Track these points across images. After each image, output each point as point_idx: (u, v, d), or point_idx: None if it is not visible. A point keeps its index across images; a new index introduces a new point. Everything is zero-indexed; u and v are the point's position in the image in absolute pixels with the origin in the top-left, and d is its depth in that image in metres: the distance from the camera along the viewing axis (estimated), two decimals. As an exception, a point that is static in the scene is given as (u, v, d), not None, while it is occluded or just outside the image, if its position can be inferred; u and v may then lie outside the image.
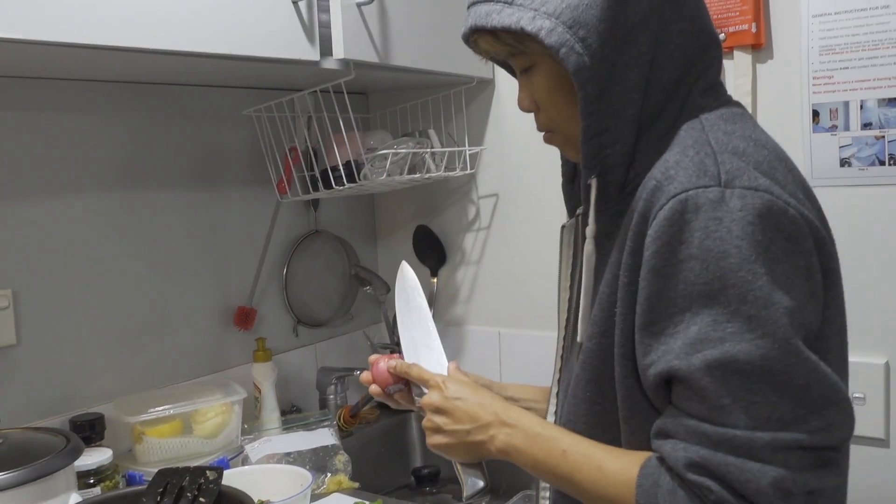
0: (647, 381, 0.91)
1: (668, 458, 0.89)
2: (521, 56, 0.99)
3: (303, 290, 1.97)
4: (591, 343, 0.98)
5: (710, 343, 0.85)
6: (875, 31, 1.52)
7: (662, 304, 0.88)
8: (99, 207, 1.56)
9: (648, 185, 0.92)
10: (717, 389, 0.84)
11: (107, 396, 1.56)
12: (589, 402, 0.99)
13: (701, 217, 0.86)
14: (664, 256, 0.87)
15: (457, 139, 1.98)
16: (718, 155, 0.89)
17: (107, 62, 1.35)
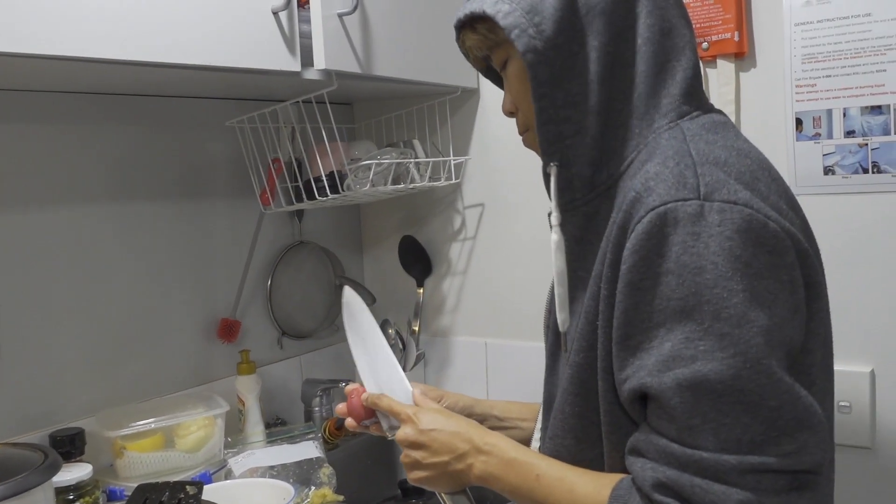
0: (623, 396, 0.91)
1: (637, 477, 0.88)
2: (498, 48, 1.00)
3: (287, 301, 1.96)
4: (578, 357, 0.97)
5: (682, 361, 0.84)
6: (857, 40, 1.52)
7: (638, 318, 0.87)
8: (81, 218, 1.55)
9: (629, 197, 0.91)
10: (686, 409, 0.84)
11: (88, 410, 1.54)
12: (577, 416, 0.98)
13: (679, 231, 0.85)
14: (641, 270, 0.87)
15: (441, 149, 1.98)
16: (699, 167, 0.89)
17: (89, 74, 1.34)
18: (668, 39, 0.97)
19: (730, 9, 1.61)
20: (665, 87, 0.97)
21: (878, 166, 1.53)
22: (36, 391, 1.48)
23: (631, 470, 0.90)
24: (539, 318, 1.90)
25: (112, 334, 1.60)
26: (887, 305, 1.53)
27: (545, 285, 1.89)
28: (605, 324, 0.93)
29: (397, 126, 2.02)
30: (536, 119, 0.95)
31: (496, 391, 2.00)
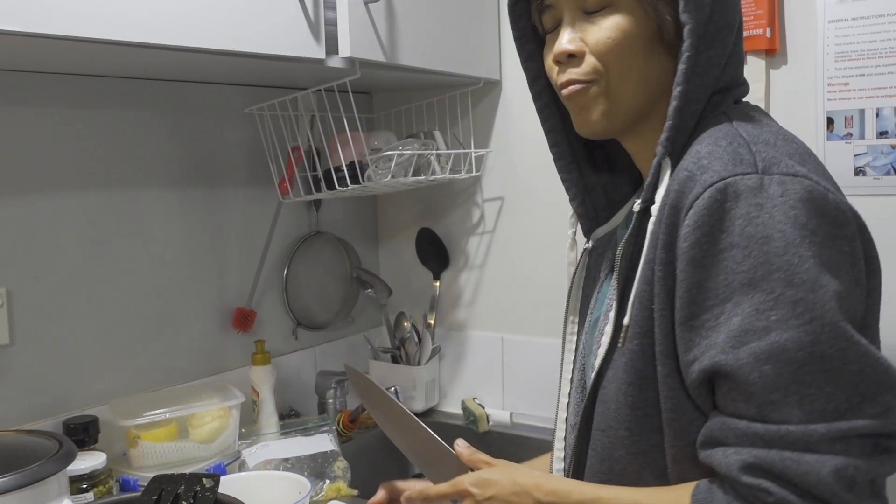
0: (690, 379, 0.88)
1: (720, 466, 0.85)
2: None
3: (303, 291, 1.94)
4: (632, 344, 0.94)
5: (756, 333, 0.82)
6: (893, 39, 1.49)
7: (703, 295, 0.85)
8: (96, 206, 1.53)
9: (679, 177, 0.90)
10: (767, 384, 0.81)
11: (102, 399, 1.52)
12: (631, 406, 0.95)
13: (741, 204, 0.84)
14: (703, 246, 0.85)
15: (462, 141, 1.95)
16: (752, 145, 0.88)
17: (106, 56, 1.32)
18: (741, 61, 1.02)
19: (762, 4, 1.58)
20: (725, 96, 0.99)
21: (911, 168, 1.50)
22: (50, 378, 1.47)
23: (711, 461, 0.87)
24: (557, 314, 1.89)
25: (127, 322, 1.58)
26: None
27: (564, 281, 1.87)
28: (661, 307, 0.90)
29: (417, 117, 1.99)
30: (676, 101, 0.92)
31: (511, 387, 1.98)
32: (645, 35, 0.95)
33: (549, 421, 1.85)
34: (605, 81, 0.97)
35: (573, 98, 1.00)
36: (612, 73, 0.97)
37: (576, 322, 1.19)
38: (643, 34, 0.95)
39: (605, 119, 0.99)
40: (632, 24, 0.95)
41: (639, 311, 0.94)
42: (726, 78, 0.99)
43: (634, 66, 0.96)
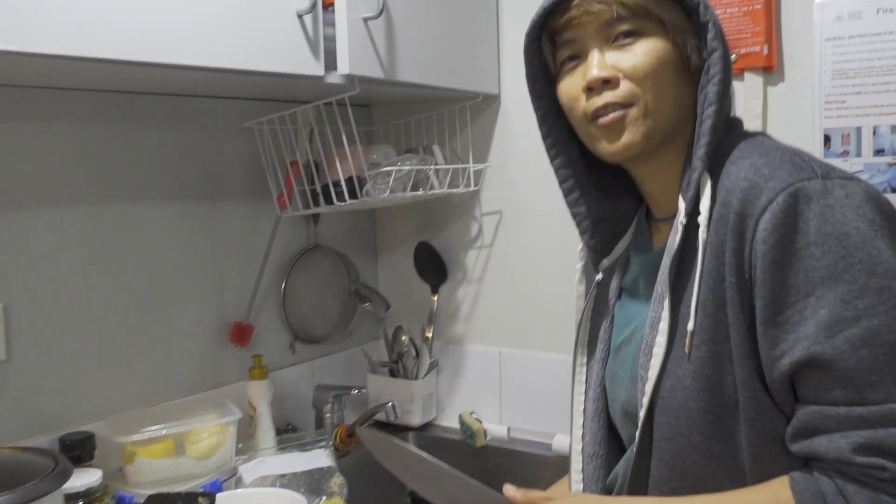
0: (779, 373, 0.92)
1: (829, 452, 0.88)
2: (642, 19, 1.00)
3: (301, 305, 1.94)
4: (699, 352, 0.97)
5: (847, 322, 0.87)
6: (889, 57, 1.49)
7: (785, 293, 0.90)
8: (94, 220, 1.53)
9: (738, 187, 0.94)
10: (865, 367, 0.86)
11: (98, 414, 1.52)
12: (703, 412, 0.97)
13: (813, 206, 0.90)
14: (783, 247, 0.90)
15: (461, 155, 1.95)
16: (801, 155, 0.96)
17: (106, 73, 1.32)
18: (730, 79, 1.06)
19: (759, 22, 1.58)
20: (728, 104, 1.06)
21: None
22: (46, 393, 1.46)
23: (814, 450, 0.90)
24: (554, 329, 1.89)
25: (124, 337, 1.58)
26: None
27: (562, 295, 1.87)
28: (736, 310, 0.94)
29: (416, 130, 2.00)
30: (713, 119, 0.98)
31: (510, 401, 1.98)
32: (675, 62, 1.01)
33: (546, 436, 1.86)
34: (644, 104, 1.01)
35: (610, 122, 1.02)
36: (649, 95, 1.00)
37: (585, 353, 1.20)
38: (674, 61, 1.01)
39: (644, 140, 1.02)
40: (664, 50, 1.01)
41: (703, 319, 0.97)
42: (728, 106, 1.04)
43: (668, 89, 1.01)
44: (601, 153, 1.06)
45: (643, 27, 1.00)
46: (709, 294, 0.96)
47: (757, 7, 1.58)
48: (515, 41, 1.90)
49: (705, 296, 0.97)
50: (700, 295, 0.97)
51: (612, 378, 1.15)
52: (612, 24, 1.01)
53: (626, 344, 1.12)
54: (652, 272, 1.08)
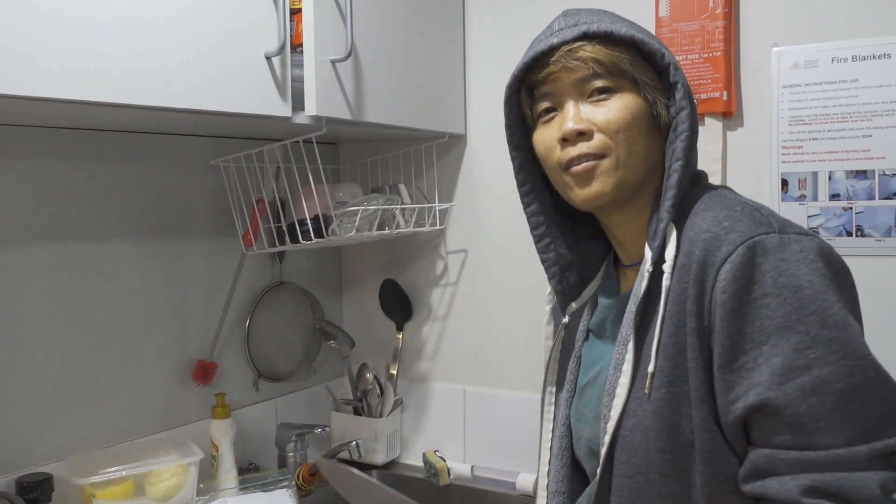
0: (733, 416, 0.96)
1: (779, 493, 0.92)
2: (616, 77, 1.06)
3: (265, 343, 1.93)
4: (659, 393, 1.00)
5: (799, 370, 0.91)
6: (844, 105, 1.54)
7: (742, 340, 0.94)
8: (56, 257, 1.51)
9: (701, 238, 0.99)
10: (814, 414, 0.91)
11: (57, 455, 1.49)
12: (661, 451, 1.00)
13: (770, 259, 0.94)
14: (740, 297, 0.94)
15: (427, 194, 1.97)
16: (761, 210, 1.01)
17: (70, 111, 1.31)
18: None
19: (719, 68, 1.62)
20: (695, 158, 1.12)
21: (862, 230, 1.54)
22: (2, 434, 1.43)
23: (765, 491, 0.94)
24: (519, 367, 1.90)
25: (84, 375, 1.56)
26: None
27: (526, 334, 1.89)
28: (695, 355, 0.98)
29: (383, 169, 2.01)
30: (679, 173, 1.03)
31: (473, 439, 1.98)
32: (647, 118, 1.07)
33: (510, 474, 1.86)
34: (616, 156, 1.05)
35: (582, 171, 1.06)
36: (621, 148, 1.05)
37: (553, 393, 1.24)
38: (646, 117, 1.07)
39: (615, 190, 1.06)
40: (637, 105, 1.06)
41: (664, 362, 1.00)
42: (694, 161, 1.10)
43: (639, 143, 1.06)
44: (573, 200, 1.10)
45: (617, 84, 1.06)
46: (670, 339, 1.00)
47: (717, 54, 1.62)
48: (482, 81, 1.92)
49: (666, 340, 1.00)
50: (661, 339, 1.01)
51: (577, 417, 1.18)
52: (588, 80, 1.06)
53: (592, 384, 1.15)
54: (618, 315, 1.12)
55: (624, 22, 1.09)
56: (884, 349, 1.51)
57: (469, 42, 1.93)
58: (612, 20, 1.08)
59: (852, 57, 1.53)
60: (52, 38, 1.08)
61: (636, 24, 1.10)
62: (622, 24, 1.08)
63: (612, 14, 1.11)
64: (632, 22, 1.11)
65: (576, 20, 1.08)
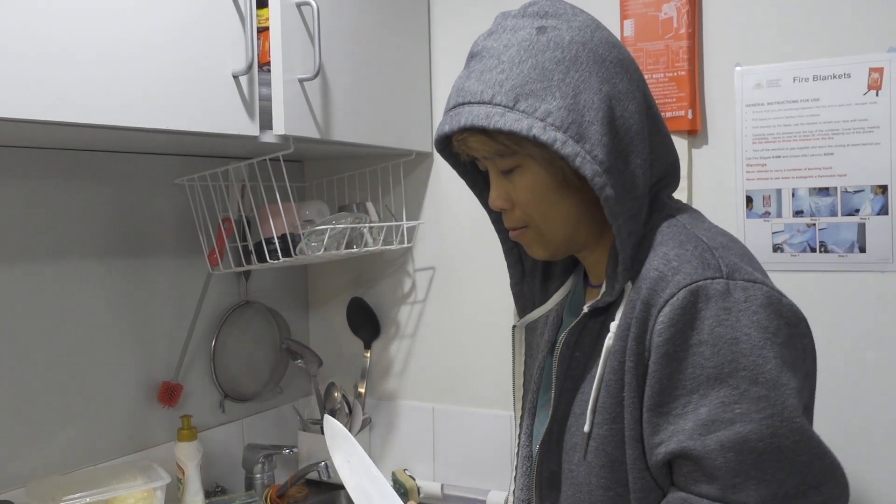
0: (655, 460, 0.95)
1: None
2: (509, 157, 1.02)
3: (231, 363, 1.90)
4: (601, 430, 1.00)
5: (722, 424, 0.90)
6: (806, 123, 1.57)
7: (672, 385, 0.93)
8: (15, 276, 1.48)
9: (649, 276, 0.97)
10: (731, 469, 0.89)
11: (18, 481, 1.46)
12: (603, 488, 1.01)
13: (711, 306, 0.92)
14: (677, 342, 0.93)
15: (394, 212, 1.96)
16: (714, 250, 0.98)
17: (34, 131, 1.28)
18: (670, 152, 1.09)
19: (684, 87, 1.64)
20: (662, 189, 1.09)
21: (826, 246, 1.57)
22: (-37, 461, 1.40)
23: None
24: (487, 384, 1.90)
25: (46, 399, 1.53)
26: (831, 384, 1.56)
27: (494, 351, 1.89)
28: (632, 394, 0.97)
29: (350, 186, 2.00)
30: (618, 235, 0.99)
31: (443, 457, 1.97)
32: (554, 184, 1.02)
33: (480, 492, 1.86)
34: (536, 227, 1.06)
35: (516, 238, 1.09)
36: (538, 220, 1.05)
37: (521, 400, 1.23)
38: (552, 184, 1.02)
39: (546, 252, 1.08)
40: (539, 179, 1.02)
41: (606, 399, 1.00)
42: (658, 169, 1.07)
43: (554, 211, 1.04)
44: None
45: (517, 162, 1.02)
46: (612, 375, 1.00)
47: (681, 73, 1.64)
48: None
49: (609, 377, 1.00)
50: (607, 376, 1.01)
51: (536, 436, 1.17)
52: (491, 159, 1.04)
53: (546, 406, 1.15)
54: None
55: (510, 83, 0.97)
56: (847, 361, 1.55)
57: (435, 61, 1.93)
58: (493, 88, 0.98)
59: (813, 76, 1.56)
60: (15, 60, 1.06)
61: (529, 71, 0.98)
62: (505, 90, 0.97)
63: (503, 65, 0.99)
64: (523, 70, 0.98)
65: (462, 95, 1.01)
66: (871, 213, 1.53)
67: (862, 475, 1.56)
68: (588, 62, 0.99)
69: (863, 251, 1.54)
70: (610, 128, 0.97)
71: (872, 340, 1.54)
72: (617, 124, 0.98)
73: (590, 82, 0.98)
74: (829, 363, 1.55)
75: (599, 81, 0.98)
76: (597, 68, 0.99)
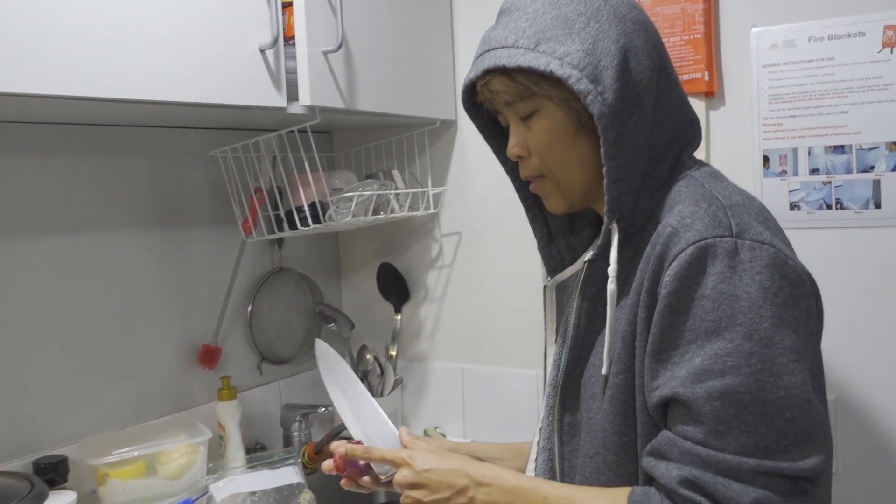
0: (651, 402, 1.01)
1: (662, 476, 0.98)
2: (529, 99, 1.07)
3: (267, 327, 1.98)
4: (617, 378, 1.06)
5: (713, 374, 0.95)
6: (821, 82, 1.59)
7: (672, 335, 0.99)
8: (63, 249, 1.57)
9: (664, 232, 1.02)
10: (715, 416, 0.95)
11: (70, 438, 1.56)
12: (618, 434, 1.06)
13: (717, 263, 0.97)
14: (680, 294, 0.98)
15: (420, 179, 2.02)
16: (728, 209, 1.02)
17: (76, 108, 1.36)
18: (685, 114, 1.12)
19: (700, 50, 1.67)
20: (683, 149, 1.12)
21: (842, 203, 1.60)
22: (20, 419, 1.50)
23: (654, 471, 0.99)
24: (515, 344, 1.96)
25: (94, 362, 1.62)
26: (849, 337, 1.60)
27: (520, 312, 1.94)
28: (642, 343, 1.02)
29: (376, 155, 2.06)
30: (606, 177, 1.04)
31: (472, 415, 2.04)
32: (570, 128, 1.08)
33: (508, 448, 1.92)
34: (553, 176, 1.11)
35: (535, 189, 1.15)
36: (553, 167, 1.10)
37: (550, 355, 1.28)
38: (568, 128, 1.08)
39: (563, 202, 1.13)
40: (557, 121, 1.08)
41: (622, 349, 1.05)
42: (669, 127, 1.10)
43: (570, 156, 1.09)
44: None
45: (535, 104, 1.08)
46: (628, 327, 1.05)
47: (697, 36, 1.67)
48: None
49: (625, 328, 1.05)
50: (623, 326, 1.05)
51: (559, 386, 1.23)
52: (511, 105, 1.10)
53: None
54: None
55: (532, 29, 1.05)
56: (863, 314, 1.58)
57: (457, 29, 1.98)
58: (517, 34, 1.05)
59: (828, 36, 1.58)
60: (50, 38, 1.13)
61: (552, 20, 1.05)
62: (528, 35, 1.05)
63: (528, 15, 1.07)
64: (546, 19, 1.05)
65: (488, 43, 1.09)
66: (885, 170, 1.56)
67: (878, 426, 1.60)
68: (608, 16, 1.05)
69: (878, 207, 1.57)
70: (622, 76, 1.03)
71: (888, 294, 1.57)
72: (630, 75, 1.04)
73: (608, 33, 1.04)
74: (846, 316, 1.59)
75: (618, 34, 1.04)
76: (616, 22, 1.05)
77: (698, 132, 1.16)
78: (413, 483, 1.14)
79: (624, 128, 1.03)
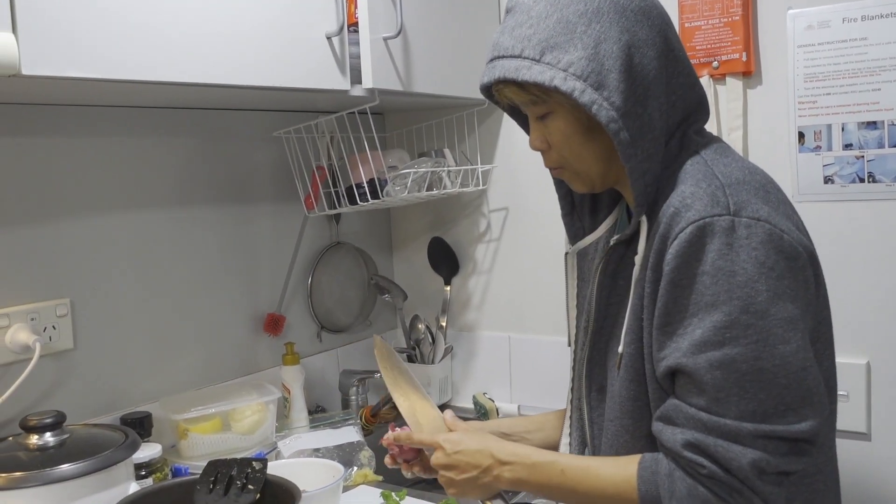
0: (658, 372, 1.09)
1: (668, 441, 1.06)
2: (541, 105, 1.13)
3: (326, 298, 2.11)
4: (630, 349, 1.14)
5: (713, 345, 1.02)
6: (854, 61, 1.66)
7: (676, 309, 1.06)
8: (144, 223, 1.70)
9: (667, 212, 1.08)
10: (715, 384, 1.02)
11: (152, 396, 1.69)
12: (632, 399, 1.15)
13: (715, 241, 1.03)
14: (682, 271, 1.05)
15: (469, 157, 2.12)
16: (727, 188, 1.07)
17: (152, 92, 1.48)
18: (694, 93, 1.17)
19: (738, 31, 1.75)
20: (690, 126, 1.18)
21: (874, 176, 1.67)
22: (108, 379, 1.63)
23: (661, 435, 1.08)
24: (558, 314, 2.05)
25: (172, 328, 1.75)
26: (881, 303, 1.67)
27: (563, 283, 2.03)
28: (649, 317, 1.10)
29: (427, 135, 2.16)
30: (630, 176, 1.09)
31: (518, 381, 2.15)
32: (581, 128, 1.13)
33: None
34: (572, 167, 1.18)
35: (557, 175, 1.23)
36: (571, 160, 1.17)
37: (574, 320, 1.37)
38: (580, 128, 1.14)
39: (585, 187, 1.21)
40: (569, 124, 1.14)
41: (632, 321, 1.14)
42: (681, 108, 1.16)
43: (585, 151, 1.16)
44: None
45: (549, 108, 1.13)
46: (638, 301, 1.13)
47: (735, 18, 1.75)
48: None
49: (636, 301, 1.13)
50: (632, 301, 1.14)
51: None
52: (527, 106, 1.17)
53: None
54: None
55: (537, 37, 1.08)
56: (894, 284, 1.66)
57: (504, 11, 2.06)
58: (523, 43, 1.09)
59: (861, 17, 1.65)
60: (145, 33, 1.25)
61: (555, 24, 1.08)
62: (532, 44, 1.08)
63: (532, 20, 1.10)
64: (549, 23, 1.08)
65: (497, 50, 1.12)
66: (917, 144, 1.63)
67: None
68: (609, 13, 1.07)
69: (909, 180, 1.65)
70: (628, 74, 1.06)
71: (918, 263, 1.65)
72: (635, 71, 1.07)
73: (610, 32, 1.06)
74: (878, 284, 1.67)
75: (619, 31, 1.07)
76: (618, 18, 1.07)
77: (706, 108, 1.21)
78: (445, 464, 1.26)
79: (640, 122, 1.08)
